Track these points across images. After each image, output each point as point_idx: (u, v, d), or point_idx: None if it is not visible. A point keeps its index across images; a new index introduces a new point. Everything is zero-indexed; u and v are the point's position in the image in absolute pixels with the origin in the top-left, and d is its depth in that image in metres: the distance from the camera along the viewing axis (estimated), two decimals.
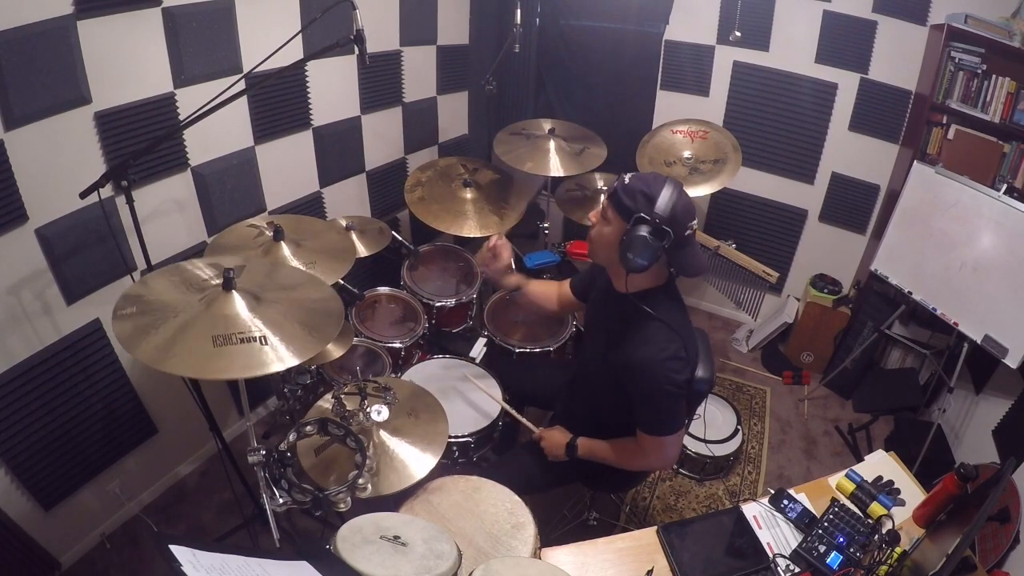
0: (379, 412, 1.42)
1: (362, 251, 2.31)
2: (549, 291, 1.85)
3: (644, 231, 1.28)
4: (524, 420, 1.77)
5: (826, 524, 1.40)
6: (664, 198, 1.30)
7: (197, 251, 2.10)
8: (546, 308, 1.86)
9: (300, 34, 1.98)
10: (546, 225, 2.97)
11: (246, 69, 2.00)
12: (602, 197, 1.44)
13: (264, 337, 1.20)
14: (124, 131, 1.76)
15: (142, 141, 1.79)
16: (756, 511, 1.46)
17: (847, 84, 2.83)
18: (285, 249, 1.82)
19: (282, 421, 2.40)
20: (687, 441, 2.42)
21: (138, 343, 1.13)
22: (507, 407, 1.81)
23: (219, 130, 2.05)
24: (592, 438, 1.60)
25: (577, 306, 1.82)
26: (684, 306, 1.49)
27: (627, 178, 1.36)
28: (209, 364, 1.13)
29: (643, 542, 1.40)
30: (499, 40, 3.13)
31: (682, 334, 1.39)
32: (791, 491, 1.50)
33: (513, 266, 1.78)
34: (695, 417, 1.74)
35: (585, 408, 1.69)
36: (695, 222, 1.36)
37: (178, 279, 1.33)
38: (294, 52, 2.00)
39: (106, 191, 1.61)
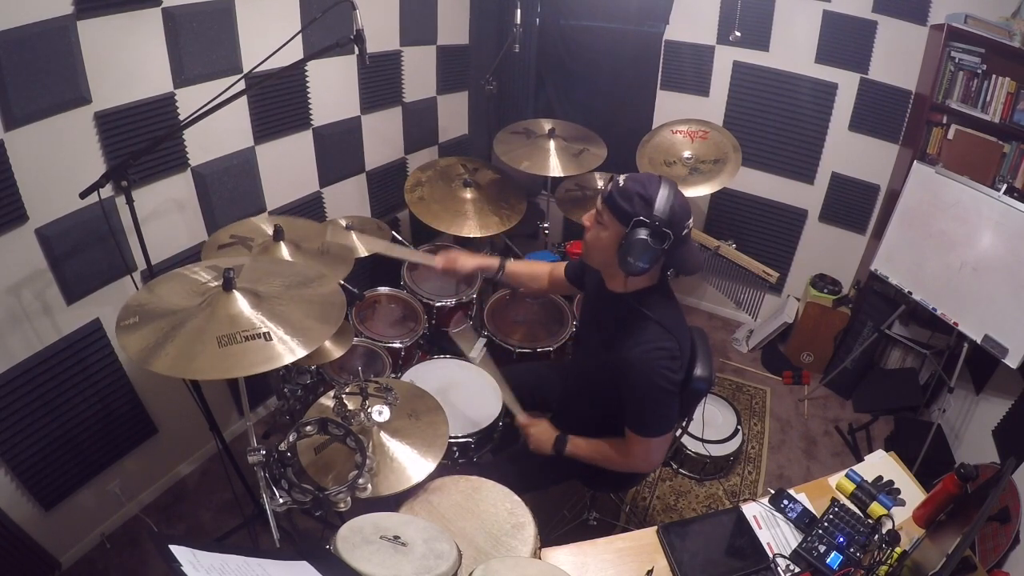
0: (380, 413, 1.42)
1: (362, 251, 2.31)
2: (535, 270, 1.85)
3: (643, 234, 1.27)
4: (516, 407, 1.71)
5: (826, 524, 1.40)
6: (661, 199, 1.27)
7: (197, 251, 2.10)
8: (532, 287, 1.86)
9: (300, 34, 1.98)
10: (546, 225, 2.98)
11: (246, 69, 2.00)
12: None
13: (268, 333, 1.20)
14: (124, 131, 1.76)
15: (142, 141, 1.79)
16: (756, 511, 1.46)
17: (847, 84, 2.83)
18: (284, 250, 1.82)
19: (282, 421, 2.39)
20: (687, 441, 2.42)
21: (150, 356, 1.14)
22: (505, 393, 1.76)
23: (219, 130, 2.05)
24: (584, 437, 1.59)
25: (568, 289, 1.82)
26: (678, 304, 1.49)
27: (622, 180, 1.33)
28: (217, 364, 1.14)
29: (643, 542, 1.40)
30: (499, 40, 3.13)
31: (677, 334, 1.39)
32: (791, 491, 1.50)
33: (473, 266, 1.80)
34: (693, 418, 1.74)
35: (582, 407, 1.68)
36: (691, 220, 1.35)
37: (178, 285, 1.33)
38: (294, 52, 2.00)
39: (106, 191, 1.61)
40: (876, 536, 1.35)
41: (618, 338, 1.42)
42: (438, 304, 2.40)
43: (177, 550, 0.78)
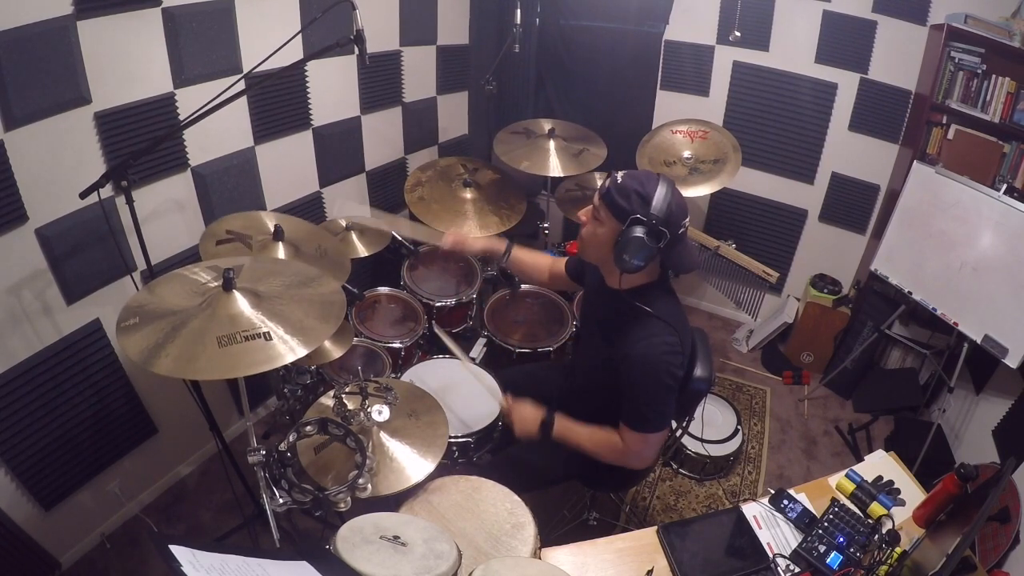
0: (380, 412, 1.42)
1: (362, 251, 2.31)
2: (539, 261, 1.85)
3: (640, 232, 1.28)
4: (496, 390, 1.72)
5: (826, 524, 1.40)
6: (659, 198, 1.28)
7: (197, 251, 2.09)
8: (533, 277, 1.87)
9: (300, 34, 1.98)
10: (546, 225, 2.97)
11: (246, 69, 2.00)
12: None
13: (268, 332, 1.20)
14: (124, 131, 1.76)
15: (142, 141, 1.79)
16: (756, 511, 1.46)
17: (847, 84, 2.83)
18: (283, 250, 1.82)
19: (282, 421, 2.39)
20: (687, 441, 2.42)
21: (151, 358, 1.14)
22: (471, 365, 1.78)
23: (219, 130, 2.05)
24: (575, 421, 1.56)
25: (568, 284, 1.83)
26: (679, 301, 1.49)
27: (620, 177, 1.33)
28: (218, 365, 1.14)
29: (643, 542, 1.40)
30: (499, 40, 3.13)
31: (679, 328, 1.39)
32: (791, 491, 1.50)
33: (480, 247, 1.83)
34: (693, 418, 1.74)
35: (582, 405, 1.68)
36: (688, 219, 1.35)
37: (178, 286, 1.33)
38: (294, 52, 2.00)
39: (106, 191, 1.61)
40: (876, 536, 1.35)
41: (619, 334, 1.42)
42: (438, 304, 2.39)
43: (177, 550, 0.78)
